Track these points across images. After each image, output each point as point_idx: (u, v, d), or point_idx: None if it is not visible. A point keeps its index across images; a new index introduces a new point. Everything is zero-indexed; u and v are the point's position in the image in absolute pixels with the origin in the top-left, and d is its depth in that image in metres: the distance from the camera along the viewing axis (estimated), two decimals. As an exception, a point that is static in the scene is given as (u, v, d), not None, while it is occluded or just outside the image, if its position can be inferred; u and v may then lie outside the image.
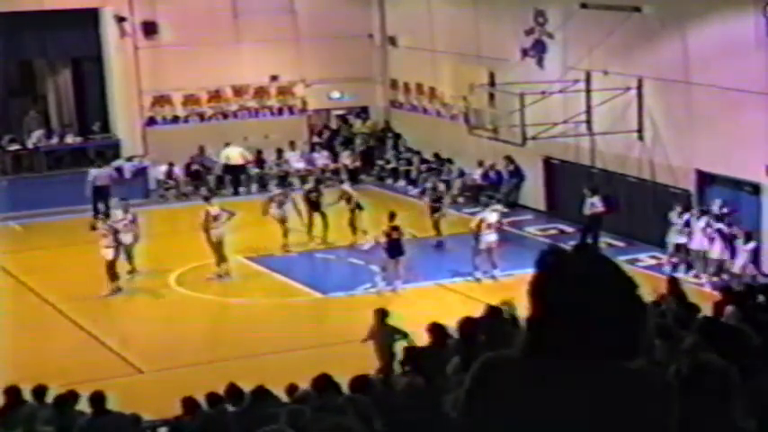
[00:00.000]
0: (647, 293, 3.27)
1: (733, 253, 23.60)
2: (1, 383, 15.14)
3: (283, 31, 34.37)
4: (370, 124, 36.20)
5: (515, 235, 28.17)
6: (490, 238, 24.39)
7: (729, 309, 13.61)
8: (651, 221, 26.12)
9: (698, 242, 23.91)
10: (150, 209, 31.91)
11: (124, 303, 24.34)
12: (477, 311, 15.07)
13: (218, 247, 25.08)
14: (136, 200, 32.11)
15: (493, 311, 14.07)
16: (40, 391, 13.86)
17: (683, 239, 24.23)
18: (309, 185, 28.40)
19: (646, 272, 24.53)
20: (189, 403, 12.74)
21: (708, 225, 23.81)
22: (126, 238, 25.00)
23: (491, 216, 24.82)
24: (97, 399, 12.31)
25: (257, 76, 34.60)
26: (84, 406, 13.05)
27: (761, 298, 14.84)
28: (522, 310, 14.01)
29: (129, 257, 25.16)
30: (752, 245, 23.28)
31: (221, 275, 25.10)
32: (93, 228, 24.47)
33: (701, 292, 21.67)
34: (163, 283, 24.77)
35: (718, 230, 23.56)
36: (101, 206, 30.03)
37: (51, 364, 19.58)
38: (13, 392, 13.81)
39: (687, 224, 24.23)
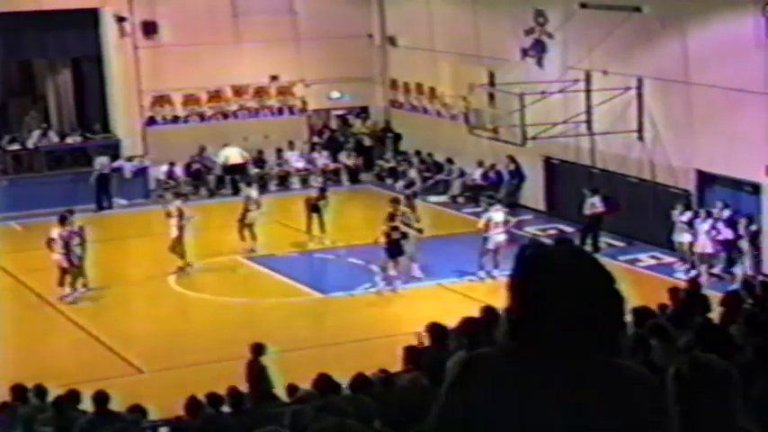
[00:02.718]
0: (626, 289, 3.26)
1: (731, 254, 23.73)
2: (1, 383, 15.17)
3: (283, 31, 34.37)
4: (370, 124, 36.21)
5: (515, 235, 28.16)
6: (499, 237, 24.35)
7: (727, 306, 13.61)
8: (651, 221, 26.14)
9: (702, 244, 23.90)
10: (150, 209, 31.95)
11: (124, 303, 24.35)
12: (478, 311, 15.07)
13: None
14: (136, 200, 32.27)
15: (492, 311, 14.04)
16: (40, 391, 13.84)
17: (687, 238, 24.23)
18: (315, 193, 28.28)
19: (646, 272, 24.60)
20: (192, 403, 12.74)
21: (713, 228, 23.81)
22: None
23: (497, 216, 24.80)
24: (100, 398, 12.31)
25: (257, 76, 34.60)
26: (85, 406, 13.06)
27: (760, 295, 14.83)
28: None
29: (80, 272, 23.79)
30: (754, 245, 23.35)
31: (183, 269, 25.16)
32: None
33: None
34: (163, 283, 24.77)
35: (721, 232, 23.68)
36: (103, 196, 31.02)
37: (51, 364, 19.59)
38: (18, 391, 13.82)
39: (690, 223, 24.25)
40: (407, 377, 12.09)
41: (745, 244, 23.60)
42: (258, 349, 15.66)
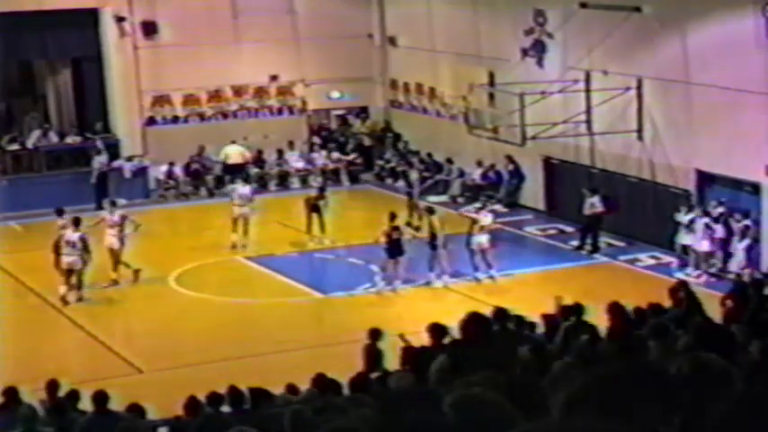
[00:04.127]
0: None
1: (728, 252, 23.78)
2: (1, 383, 15.14)
3: (283, 31, 34.37)
4: (370, 124, 36.21)
5: (515, 235, 28.19)
6: (481, 239, 24.35)
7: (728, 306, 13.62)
8: (651, 221, 26.14)
9: (698, 242, 23.98)
10: (150, 209, 31.97)
11: (124, 303, 24.34)
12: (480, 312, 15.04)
13: (111, 255, 24.46)
14: (136, 200, 32.25)
15: (489, 315, 13.95)
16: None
17: (689, 240, 24.23)
18: (315, 193, 28.27)
19: (646, 272, 24.60)
20: (192, 404, 12.72)
21: (707, 226, 23.89)
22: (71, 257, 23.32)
23: (485, 219, 24.78)
24: (100, 398, 12.31)
25: (257, 76, 34.59)
26: (84, 406, 13.05)
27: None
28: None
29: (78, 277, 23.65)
30: (746, 242, 23.31)
31: (116, 282, 24.39)
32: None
33: (703, 292, 21.66)
34: (163, 283, 24.76)
35: (715, 229, 23.75)
36: (101, 195, 30.56)
37: (51, 364, 19.58)
38: (10, 393, 13.76)
39: (691, 224, 24.27)
40: (397, 376, 12.06)
41: (737, 241, 23.62)
42: (375, 334, 15.89)
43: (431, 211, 25.15)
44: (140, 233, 25.31)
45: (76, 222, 23.89)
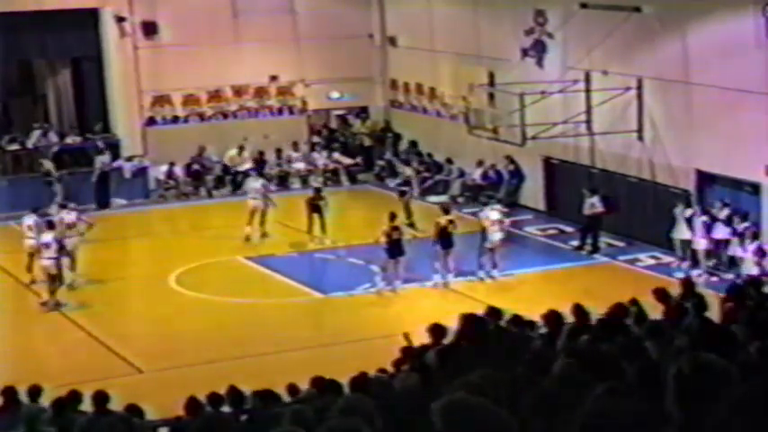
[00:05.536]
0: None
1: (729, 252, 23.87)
2: (0, 383, 15.14)
3: (283, 31, 34.37)
4: (370, 124, 36.20)
5: (515, 235, 28.18)
6: (496, 236, 24.40)
7: (728, 306, 13.57)
8: (651, 221, 26.14)
9: (698, 242, 24.03)
10: (150, 209, 32.00)
11: (124, 303, 24.36)
12: (479, 311, 15.04)
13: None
14: (136, 200, 32.27)
15: (478, 316, 13.91)
16: (34, 392, 13.73)
17: (686, 235, 24.30)
18: (314, 193, 28.31)
19: (646, 272, 24.60)
20: (192, 404, 12.72)
21: (706, 225, 23.94)
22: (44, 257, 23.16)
23: (493, 214, 24.83)
24: (100, 398, 12.30)
25: (257, 76, 34.59)
26: (84, 406, 13.05)
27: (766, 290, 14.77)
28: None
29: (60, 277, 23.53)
30: (756, 245, 23.31)
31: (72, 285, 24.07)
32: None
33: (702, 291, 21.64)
34: (163, 283, 24.76)
35: (716, 230, 23.80)
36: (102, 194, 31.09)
37: (51, 364, 19.59)
38: (9, 393, 13.76)
39: (690, 221, 24.33)
40: (402, 377, 12.07)
41: (741, 243, 23.63)
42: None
43: (446, 210, 25.09)
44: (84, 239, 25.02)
45: (50, 225, 23.80)
